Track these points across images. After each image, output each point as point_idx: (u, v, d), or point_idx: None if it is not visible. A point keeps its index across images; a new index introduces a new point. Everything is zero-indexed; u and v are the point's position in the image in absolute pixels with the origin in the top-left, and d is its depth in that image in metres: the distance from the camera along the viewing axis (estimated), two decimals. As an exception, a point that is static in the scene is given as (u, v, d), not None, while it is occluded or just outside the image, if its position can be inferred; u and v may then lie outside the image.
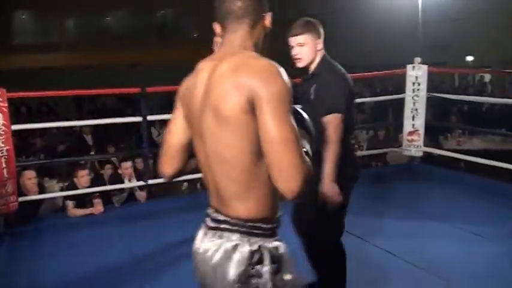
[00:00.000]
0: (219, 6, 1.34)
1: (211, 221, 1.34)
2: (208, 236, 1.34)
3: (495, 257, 3.15)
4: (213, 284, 1.29)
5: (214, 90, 1.23)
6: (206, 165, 1.32)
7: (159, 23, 20.97)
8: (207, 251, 1.31)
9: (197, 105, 1.30)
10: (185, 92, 1.36)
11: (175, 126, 1.42)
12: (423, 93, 5.08)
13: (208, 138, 1.27)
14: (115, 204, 4.61)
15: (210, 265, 1.29)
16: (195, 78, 1.34)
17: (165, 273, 3.10)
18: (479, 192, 4.47)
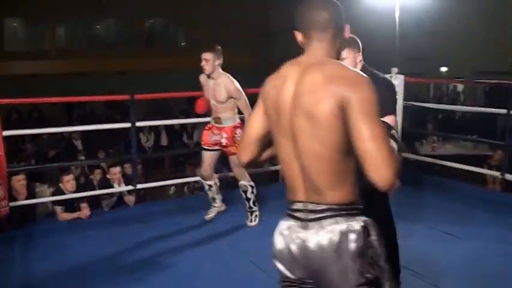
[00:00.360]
0: (304, 16, 1.42)
1: (310, 212, 1.39)
2: (312, 228, 1.38)
3: (468, 254, 3.24)
4: (333, 268, 1.34)
5: (308, 97, 1.35)
6: (297, 161, 1.40)
7: (148, 32, 20.93)
8: (322, 241, 1.35)
9: (287, 109, 1.39)
10: (271, 93, 1.45)
11: (255, 121, 1.53)
12: (400, 102, 5.17)
13: (302, 138, 1.37)
14: (104, 209, 4.59)
15: (331, 251, 1.34)
16: (281, 82, 1.42)
17: (154, 276, 3.10)
18: (452, 194, 4.57)
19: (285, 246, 1.43)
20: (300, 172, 1.40)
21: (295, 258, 1.41)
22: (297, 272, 1.42)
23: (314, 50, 1.42)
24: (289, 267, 1.43)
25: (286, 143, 1.41)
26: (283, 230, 1.45)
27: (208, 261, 3.26)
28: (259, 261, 3.20)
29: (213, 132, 3.80)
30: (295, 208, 1.43)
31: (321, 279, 1.38)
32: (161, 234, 3.72)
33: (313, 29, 1.41)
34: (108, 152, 7.28)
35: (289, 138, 1.40)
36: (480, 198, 4.42)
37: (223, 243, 3.57)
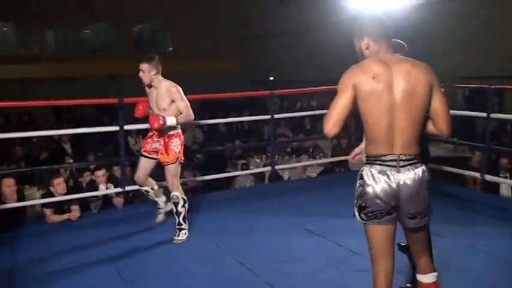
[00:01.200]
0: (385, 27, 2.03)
1: (402, 161, 1.94)
2: (402, 171, 1.94)
3: (448, 252, 3.26)
4: (418, 192, 1.96)
5: (407, 80, 1.92)
6: (396, 126, 1.92)
7: (137, 37, 20.86)
8: (411, 178, 1.94)
9: (388, 87, 1.90)
10: (369, 79, 1.91)
11: (344, 104, 1.95)
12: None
13: (403, 109, 1.91)
14: (93, 211, 4.54)
15: (414, 185, 1.94)
16: (375, 70, 1.92)
17: (143, 277, 3.07)
18: (433, 194, 4.58)
19: (390, 184, 1.94)
20: (396, 135, 1.92)
21: (394, 192, 1.94)
22: (392, 201, 1.95)
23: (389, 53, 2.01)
24: (386, 200, 1.94)
25: (384, 114, 1.91)
26: (377, 175, 1.96)
27: (196, 262, 3.24)
28: (246, 261, 3.19)
29: (153, 140, 3.66)
30: (388, 159, 1.94)
31: (410, 203, 1.96)
32: (149, 236, 3.70)
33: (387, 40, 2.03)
34: (97, 155, 7.21)
35: (390, 110, 1.90)
36: (461, 198, 4.48)
37: (211, 243, 3.55)
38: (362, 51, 2.06)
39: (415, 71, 1.94)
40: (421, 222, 2.05)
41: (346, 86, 1.95)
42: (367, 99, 1.92)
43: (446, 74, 10.52)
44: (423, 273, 2.18)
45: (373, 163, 1.97)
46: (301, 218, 3.97)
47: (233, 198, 4.69)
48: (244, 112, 11.53)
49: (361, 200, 2.00)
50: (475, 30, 10.01)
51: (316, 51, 14.34)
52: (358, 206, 2.01)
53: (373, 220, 1.98)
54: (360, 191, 2.01)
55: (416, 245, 2.17)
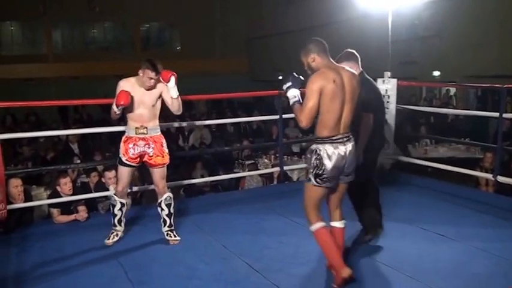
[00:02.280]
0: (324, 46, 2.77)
1: (345, 138, 2.71)
2: (346, 144, 2.71)
3: (459, 255, 3.26)
4: (353, 156, 2.77)
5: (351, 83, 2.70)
6: (343, 114, 2.69)
7: (144, 36, 20.96)
8: (349, 148, 2.73)
9: (341, 88, 2.65)
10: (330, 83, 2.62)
11: (315, 103, 2.62)
12: (393, 105, 5.21)
13: (348, 103, 2.69)
14: (100, 211, 4.58)
15: (352, 152, 2.75)
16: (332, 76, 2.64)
17: (150, 278, 3.10)
18: (443, 195, 4.60)
19: (342, 154, 2.68)
20: (341, 119, 2.68)
21: (344, 158, 2.70)
22: (342, 166, 2.71)
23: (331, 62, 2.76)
24: (340, 166, 2.70)
25: (337, 105, 2.65)
26: (334, 149, 2.68)
27: (203, 263, 3.26)
28: (254, 262, 3.21)
29: (136, 144, 3.47)
30: (337, 138, 2.69)
31: (349, 164, 2.75)
32: (156, 237, 3.72)
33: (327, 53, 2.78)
34: (105, 155, 7.27)
35: (342, 103, 2.66)
36: (473, 199, 4.45)
37: (219, 244, 3.57)
38: (309, 64, 2.74)
39: (353, 76, 2.74)
40: (351, 178, 2.85)
41: (314, 90, 2.61)
42: (328, 98, 2.61)
43: (458, 72, 10.51)
44: (338, 220, 2.92)
45: (325, 142, 2.68)
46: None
47: (241, 199, 4.71)
48: (253, 112, 11.54)
49: (318, 170, 2.68)
50: (487, 27, 9.92)
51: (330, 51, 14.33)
52: (314, 174, 2.70)
53: (326, 183, 2.71)
54: (316, 163, 2.68)
55: (338, 198, 2.89)
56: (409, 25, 11.23)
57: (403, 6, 6.19)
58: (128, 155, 3.50)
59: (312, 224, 2.78)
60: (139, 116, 3.47)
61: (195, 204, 4.61)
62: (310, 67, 2.74)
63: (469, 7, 10.41)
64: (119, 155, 3.55)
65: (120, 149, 3.55)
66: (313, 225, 2.78)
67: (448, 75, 11.18)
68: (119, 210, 3.61)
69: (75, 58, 18.04)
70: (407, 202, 4.48)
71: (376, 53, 7.14)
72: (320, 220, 2.78)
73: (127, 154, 3.50)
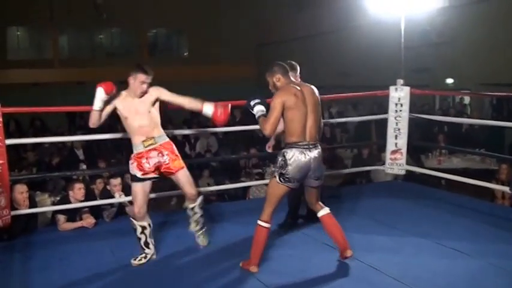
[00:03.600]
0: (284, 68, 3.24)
1: (311, 145, 3.13)
2: (312, 151, 3.12)
3: (475, 271, 3.20)
4: (320, 163, 3.19)
5: (311, 96, 3.19)
6: (305, 123, 3.11)
7: (151, 42, 21.08)
8: (316, 155, 3.14)
9: (303, 101, 3.11)
10: (292, 97, 3.08)
11: (279, 112, 3.06)
12: (405, 114, 5.17)
13: (311, 114, 3.13)
14: (105, 219, 4.58)
15: (318, 159, 3.16)
16: (293, 91, 3.11)
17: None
18: (459, 209, 4.54)
19: (306, 159, 3.09)
20: (306, 128, 3.11)
21: (308, 163, 3.11)
22: (306, 170, 3.12)
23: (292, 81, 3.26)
24: (304, 170, 3.11)
25: (302, 115, 3.10)
26: (299, 154, 3.08)
27: (210, 274, 3.24)
28: (262, 275, 3.18)
29: (149, 157, 3.36)
30: (303, 144, 3.10)
31: (316, 170, 3.16)
32: (162, 246, 3.70)
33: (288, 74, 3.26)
34: (110, 161, 7.29)
35: (306, 113, 3.11)
36: (489, 213, 4.39)
37: (226, 255, 3.54)
38: (275, 83, 3.21)
39: (312, 90, 3.22)
40: (320, 182, 3.26)
41: (277, 102, 3.06)
42: (291, 109, 3.07)
43: (472, 79, 10.44)
44: (320, 209, 3.31)
45: (292, 147, 3.10)
46: (319, 231, 3.91)
47: (248, 209, 4.67)
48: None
49: (282, 169, 3.09)
50: (501, 34, 9.87)
51: (336, 56, 14.31)
52: (279, 173, 3.11)
53: (287, 183, 3.12)
54: (282, 164, 3.10)
55: (313, 197, 3.32)
56: (422, 31, 11.20)
57: (415, 13, 6.17)
58: (144, 170, 3.37)
59: (262, 221, 3.17)
60: (140, 129, 3.36)
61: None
62: (275, 86, 3.20)
63: (482, 13, 10.37)
64: (132, 174, 3.42)
65: (131, 169, 3.42)
66: (262, 222, 3.17)
67: (461, 82, 11.11)
68: (142, 234, 3.44)
69: (81, 64, 18.18)
70: (422, 215, 4.43)
71: (388, 60, 7.13)
72: (270, 222, 3.19)
73: (142, 169, 3.37)
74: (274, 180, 3.16)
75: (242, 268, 3.25)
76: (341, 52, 13.95)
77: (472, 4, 10.58)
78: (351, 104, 12.43)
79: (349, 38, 13.72)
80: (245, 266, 3.24)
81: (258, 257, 3.21)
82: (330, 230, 3.29)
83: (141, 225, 3.44)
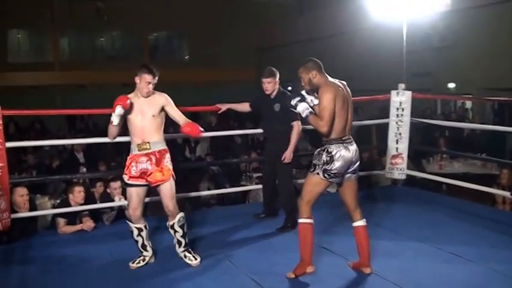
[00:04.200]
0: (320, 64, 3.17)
1: (350, 139, 3.15)
2: (353, 145, 3.15)
3: (475, 276, 3.21)
4: (358, 158, 3.19)
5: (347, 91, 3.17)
6: (348, 118, 3.13)
7: (152, 45, 21.13)
8: (356, 148, 3.17)
9: (346, 99, 3.12)
10: (340, 92, 3.08)
11: (332, 109, 3.02)
12: (407, 118, 5.19)
13: (350, 109, 3.16)
14: (105, 222, 4.59)
15: (358, 152, 3.18)
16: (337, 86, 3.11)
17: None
18: (459, 213, 4.55)
19: (351, 153, 3.11)
20: (347, 123, 3.13)
21: (352, 156, 3.12)
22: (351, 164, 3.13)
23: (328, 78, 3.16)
24: (349, 163, 3.12)
25: (345, 111, 3.10)
26: (344, 149, 3.09)
27: (209, 279, 3.25)
28: (261, 279, 3.19)
29: (138, 162, 3.34)
30: (345, 139, 3.12)
31: (355, 163, 3.16)
32: (162, 250, 3.71)
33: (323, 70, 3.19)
34: (110, 165, 7.30)
35: (347, 110, 3.12)
36: (490, 218, 4.40)
37: (225, 259, 3.55)
38: (311, 80, 3.13)
39: (346, 86, 3.18)
40: (357, 176, 3.23)
41: (330, 98, 3.02)
42: (339, 105, 3.04)
43: (474, 84, 10.45)
44: (359, 219, 3.27)
45: (337, 142, 3.08)
46: (318, 236, 3.92)
47: (248, 213, 4.69)
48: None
49: (327, 165, 3.06)
50: (503, 39, 9.89)
51: (337, 60, 14.33)
52: (323, 169, 3.07)
53: (333, 179, 3.10)
54: (327, 160, 3.07)
55: (353, 197, 3.25)
56: (424, 35, 11.22)
57: (418, 16, 6.20)
58: (130, 174, 3.37)
59: (303, 218, 3.13)
60: (141, 130, 3.34)
61: (200, 218, 4.60)
62: (310, 82, 3.13)
63: (485, 18, 10.39)
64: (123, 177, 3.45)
65: (125, 171, 3.43)
66: (303, 219, 3.14)
67: (463, 87, 11.12)
68: (138, 236, 3.45)
69: (82, 66, 18.21)
70: (422, 220, 4.44)
71: (390, 64, 7.15)
72: (311, 217, 3.15)
73: (129, 173, 3.37)
74: (316, 177, 3.10)
75: (297, 275, 3.15)
76: (343, 56, 13.97)
77: (474, 8, 10.60)
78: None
79: (351, 42, 13.74)
80: (299, 272, 3.14)
81: (309, 256, 3.14)
82: (360, 242, 3.24)
83: (137, 227, 3.45)
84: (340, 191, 3.28)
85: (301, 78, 3.17)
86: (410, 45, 5.63)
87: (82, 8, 17.16)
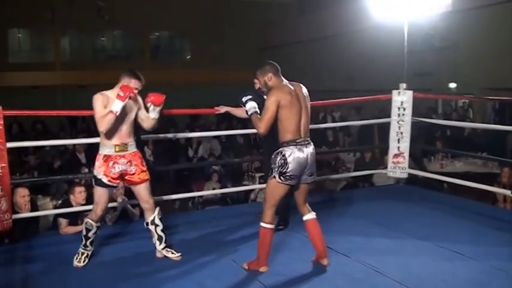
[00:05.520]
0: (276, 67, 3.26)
1: (306, 141, 3.19)
2: (308, 147, 3.18)
3: (477, 274, 3.22)
4: (314, 158, 3.23)
5: (303, 94, 3.25)
6: (302, 120, 3.18)
7: (153, 45, 21.15)
8: (311, 150, 3.20)
9: (297, 99, 3.17)
10: (287, 95, 3.13)
11: (273, 113, 3.09)
12: (408, 118, 5.20)
13: (304, 112, 3.20)
14: (107, 223, 4.61)
15: (313, 154, 3.21)
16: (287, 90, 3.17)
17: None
18: (461, 212, 4.56)
19: (304, 155, 3.15)
20: (301, 125, 3.17)
21: (306, 159, 3.16)
22: (305, 166, 3.17)
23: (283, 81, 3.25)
24: (303, 165, 3.16)
25: (297, 113, 3.15)
26: (297, 151, 3.13)
27: (212, 279, 3.26)
28: (264, 278, 3.20)
29: (117, 163, 3.35)
30: (300, 140, 3.16)
31: (311, 165, 3.21)
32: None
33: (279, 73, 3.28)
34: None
35: (300, 111, 3.17)
36: (491, 216, 4.41)
37: (228, 259, 3.56)
38: (266, 82, 3.23)
39: (301, 88, 3.28)
40: (313, 178, 3.30)
41: (273, 101, 3.09)
42: (286, 107, 3.11)
43: (474, 84, 10.47)
44: (307, 213, 3.33)
45: (289, 145, 3.13)
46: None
47: (251, 212, 4.70)
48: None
49: (282, 168, 3.12)
50: (504, 39, 9.90)
51: (339, 60, 14.35)
52: (279, 172, 3.13)
53: (288, 181, 3.15)
54: (281, 162, 3.12)
55: (303, 197, 3.32)
56: (425, 36, 11.24)
57: (419, 17, 6.21)
58: (110, 176, 3.34)
59: (265, 222, 3.21)
60: (119, 132, 3.33)
61: (203, 218, 4.62)
62: (266, 85, 3.24)
63: (486, 18, 10.40)
64: (96, 176, 3.37)
65: (96, 169, 3.37)
66: (266, 224, 3.22)
67: (464, 87, 11.14)
68: (94, 234, 3.48)
69: (83, 66, 18.23)
70: (423, 218, 4.45)
71: (391, 64, 7.15)
72: (272, 223, 3.24)
73: (108, 175, 3.34)
74: (273, 181, 3.17)
75: (249, 269, 3.28)
76: (344, 56, 13.98)
77: (475, 9, 10.61)
78: (354, 108, 12.47)
79: (352, 42, 13.76)
80: (253, 267, 3.27)
81: (266, 258, 3.25)
82: (312, 235, 3.31)
83: (97, 226, 3.47)
84: (294, 189, 3.31)
85: (258, 81, 3.32)
86: (412, 46, 5.64)
87: (83, 8, 17.16)
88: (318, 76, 14.97)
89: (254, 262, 3.29)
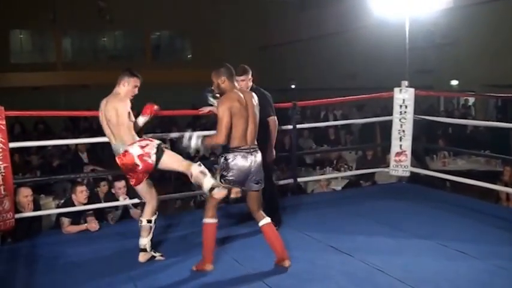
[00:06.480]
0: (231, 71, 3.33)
1: (251, 149, 3.24)
2: (254, 154, 3.24)
3: (479, 273, 3.21)
4: (260, 166, 3.28)
5: (252, 102, 3.29)
6: (249, 129, 3.23)
7: (154, 45, 21.15)
8: (256, 159, 3.25)
9: (245, 107, 3.21)
10: (236, 103, 3.18)
11: (228, 120, 3.13)
12: (410, 116, 5.18)
13: (251, 119, 3.24)
14: (110, 222, 4.60)
15: (258, 162, 3.26)
16: (237, 97, 3.22)
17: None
18: (463, 210, 4.54)
19: (248, 163, 3.21)
20: (247, 133, 3.22)
21: (249, 166, 3.22)
22: (247, 173, 3.22)
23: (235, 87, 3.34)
24: (246, 172, 3.22)
25: (245, 122, 3.21)
26: (241, 158, 3.19)
27: (214, 278, 3.25)
28: (267, 278, 3.20)
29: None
30: (244, 148, 3.22)
31: (256, 173, 3.26)
32: (168, 250, 3.72)
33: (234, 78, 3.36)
34: (115, 164, 7.30)
35: (248, 119, 3.23)
36: (493, 215, 4.39)
37: (230, 258, 3.56)
38: (219, 85, 3.28)
39: (253, 96, 3.34)
40: (260, 186, 3.33)
41: (225, 109, 3.14)
42: (235, 115, 3.16)
43: (476, 81, 10.44)
44: (262, 218, 3.35)
45: (234, 151, 3.20)
46: (325, 234, 3.95)
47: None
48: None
49: (223, 171, 3.20)
50: (505, 36, 9.86)
51: (340, 58, 14.32)
52: (221, 174, 3.21)
53: (229, 184, 3.22)
54: (223, 166, 3.20)
55: (254, 203, 3.36)
56: (426, 33, 11.20)
57: (420, 14, 6.19)
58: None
59: (207, 218, 3.25)
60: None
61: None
62: (219, 87, 3.29)
63: (486, 15, 10.37)
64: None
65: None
66: (208, 219, 3.26)
67: (466, 84, 11.10)
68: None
69: (85, 67, 18.25)
70: (426, 217, 4.43)
71: (393, 61, 7.13)
72: (215, 217, 3.28)
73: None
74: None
75: (197, 270, 3.27)
76: (345, 54, 13.96)
77: (476, 5, 10.58)
78: (356, 106, 12.45)
79: (353, 40, 13.73)
80: (199, 267, 3.28)
81: (210, 254, 3.28)
82: (270, 239, 3.33)
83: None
84: (246, 195, 3.39)
85: (212, 82, 3.34)
86: (413, 43, 5.61)
87: (84, 8, 17.17)
88: (319, 74, 14.96)
89: (200, 262, 3.30)
